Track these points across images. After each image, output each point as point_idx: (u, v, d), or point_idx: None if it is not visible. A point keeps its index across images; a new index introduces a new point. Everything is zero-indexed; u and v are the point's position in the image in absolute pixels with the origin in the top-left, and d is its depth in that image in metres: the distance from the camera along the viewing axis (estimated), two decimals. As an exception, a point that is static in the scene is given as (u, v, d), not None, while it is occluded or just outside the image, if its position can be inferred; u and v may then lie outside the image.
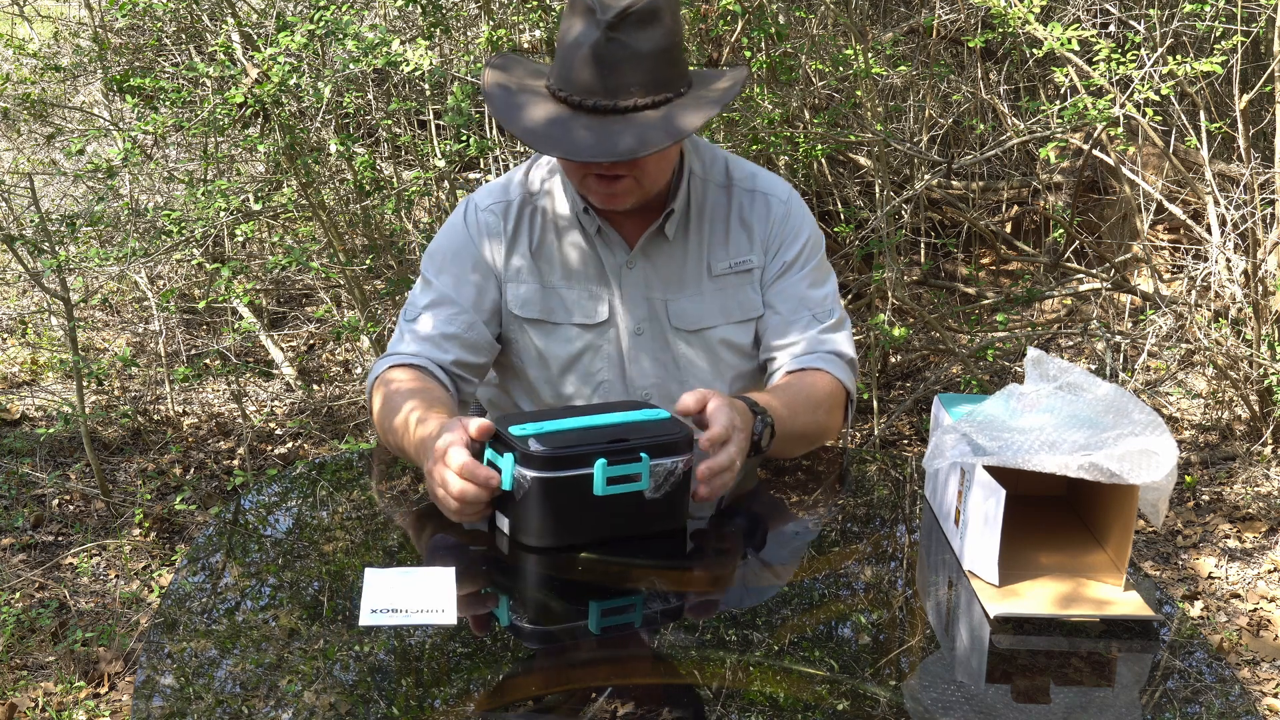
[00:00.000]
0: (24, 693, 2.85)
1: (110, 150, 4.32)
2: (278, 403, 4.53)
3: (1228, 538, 3.49)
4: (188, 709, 1.17)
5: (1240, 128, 3.67)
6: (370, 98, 4.58)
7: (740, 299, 1.89)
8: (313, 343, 5.07)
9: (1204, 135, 3.70)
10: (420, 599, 1.35)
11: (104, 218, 3.99)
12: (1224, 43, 3.54)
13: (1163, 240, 4.65)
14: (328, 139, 4.18)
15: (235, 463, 4.09)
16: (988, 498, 1.37)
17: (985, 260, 5.09)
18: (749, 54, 3.87)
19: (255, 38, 4.07)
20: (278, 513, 1.69)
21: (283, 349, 4.79)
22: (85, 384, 4.14)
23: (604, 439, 1.46)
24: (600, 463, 1.43)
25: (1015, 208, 5.06)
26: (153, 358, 4.83)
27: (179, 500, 3.59)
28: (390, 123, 4.65)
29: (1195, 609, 3.17)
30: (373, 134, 4.86)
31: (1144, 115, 3.65)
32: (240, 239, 4.36)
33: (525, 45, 4.03)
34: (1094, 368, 4.13)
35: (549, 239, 1.88)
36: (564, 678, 1.26)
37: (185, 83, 4.03)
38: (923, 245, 4.85)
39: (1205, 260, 3.85)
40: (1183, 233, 4.46)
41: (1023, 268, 4.91)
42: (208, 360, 4.72)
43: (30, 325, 5.17)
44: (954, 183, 4.87)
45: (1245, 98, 3.65)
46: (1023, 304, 4.55)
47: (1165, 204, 4.02)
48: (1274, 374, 3.64)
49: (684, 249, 1.88)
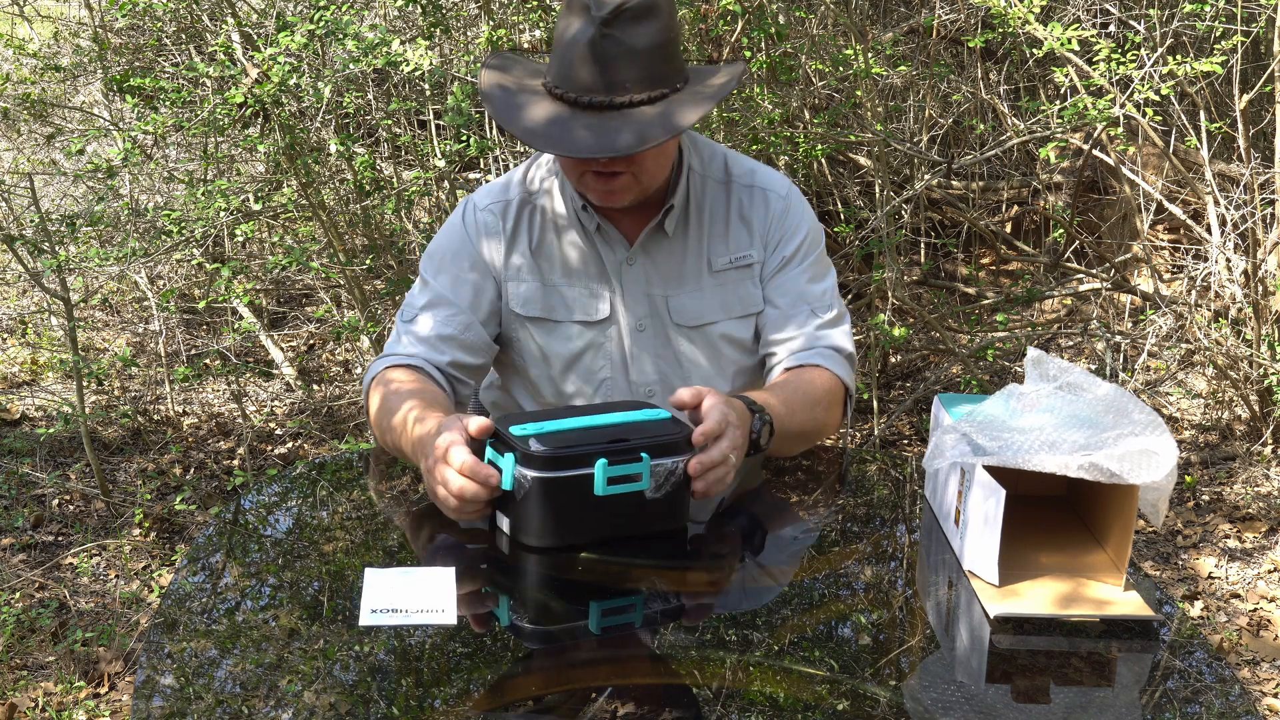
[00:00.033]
0: (24, 693, 2.85)
1: (110, 150, 4.32)
2: (278, 403, 4.53)
3: (1228, 538, 3.49)
4: (188, 709, 1.17)
5: (1240, 128, 3.67)
6: (370, 98, 4.58)
7: (741, 294, 1.89)
8: (313, 343, 5.07)
9: (1204, 135, 3.70)
10: (420, 599, 1.35)
11: (104, 218, 3.99)
12: (1224, 43, 3.54)
13: (1163, 240, 4.65)
14: (328, 139, 4.18)
15: (235, 463, 4.09)
16: (988, 498, 1.37)
17: (985, 260, 5.09)
18: (749, 54, 3.87)
19: (255, 38, 4.07)
20: (278, 513, 1.69)
21: (283, 349, 4.79)
22: (85, 384, 4.14)
23: (604, 439, 1.46)
24: (601, 463, 1.43)
25: (1015, 208, 5.06)
26: (153, 358, 4.83)
27: (179, 500, 3.59)
28: (390, 123, 4.65)
29: (1195, 609, 3.17)
30: (373, 134, 4.85)
31: (1144, 115, 3.65)
32: (240, 239, 4.36)
33: (525, 45, 4.03)
34: (1094, 368, 4.13)
35: (549, 238, 1.88)
36: (564, 678, 1.26)
37: (185, 83, 4.03)
38: (923, 245, 4.85)
39: (1205, 260, 3.85)
40: (1183, 233, 4.46)
41: (1023, 268, 4.91)
42: (208, 360, 4.72)
43: (30, 325, 5.17)
44: (954, 183, 4.87)
45: (1245, 98, 3.65)
46: (1023, 304, 4.55)
47: (1165, 204, 4.01)
48: (1274, 374, 3.64)
49: (684, 245, 1.88)
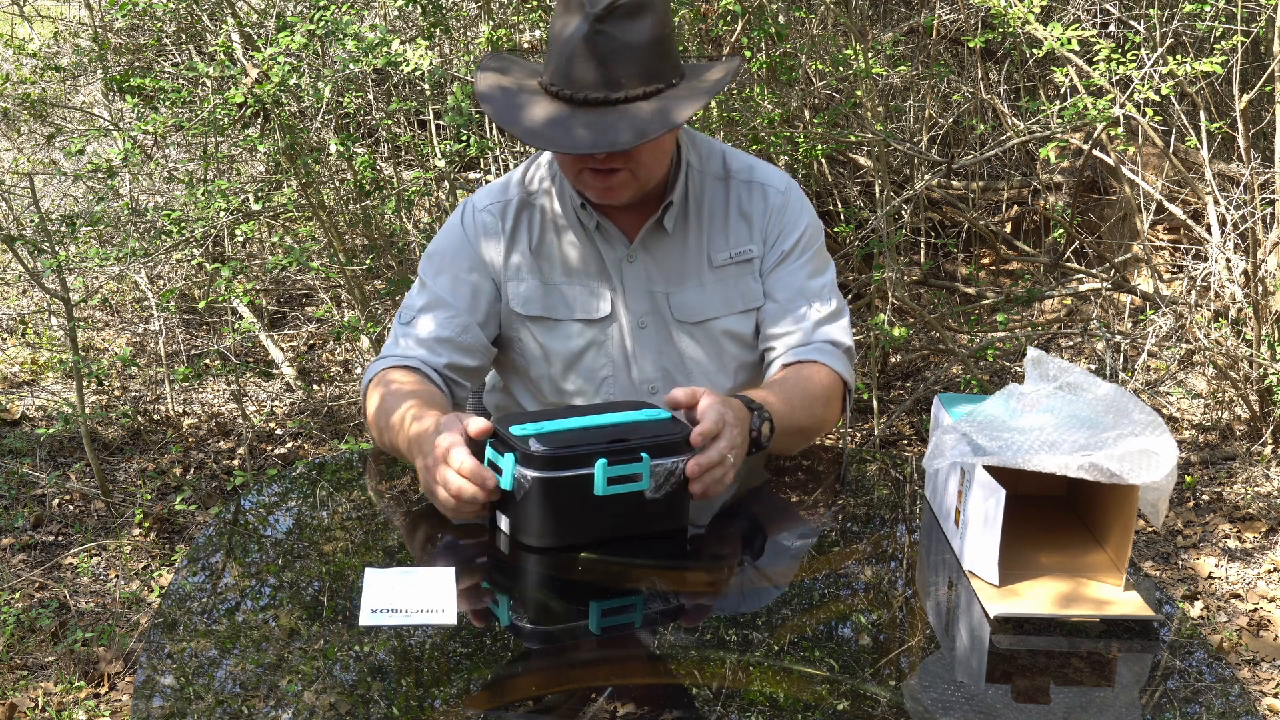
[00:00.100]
0: (24, 693, 2.85)
1: (110, 150, 4.32)
2: (278, 403, 4.53)
3: (1228, 538, 3.49)
4: (188, 709, 1.17)
5: (1240, 128, 3.67)
6: (370, 98, 4.58)
7: (742, 289, 1.89)
8: (313, 343, 5.07)
9: (1204, 135, 3.70)
10: (420, 599, 1.35)
11: (104, 218, 3.99)
12: (1224, 43, 3.54)
13: (1163, 240, 4.65)
14: (328, 139, 4.18)
15: (235, 463, 4.09)
16: (988, 498, 1.37)
17: (985, 260, 5.09)
18: (749, 54, 3.87)
19: (255, 38, 4.07)
20: (278, 513, 1.69)
21: (283, 349, 4.79)
22: (85, 384, 4.14)
23: (604, 439, 1.46)
24: (601, 463, 1.43)
25: (1015, 208, 5.06)
26: (153, 358, 4.83)
27: (179, 500, 3.59)
28: (390, 123, 4.65)
29: (1195, 609, 3.17)
30: (373, 134, 4.85)
31: (1144, 115, 3.65)
32: (240, 239, 4.36)
33: (525, 45, 4.03)
34: (1094, 368, 4.13)
35: (549, 237, 1.88)
36: (564, 678, 1.26)
37: (185, 83, 4.03)
38: (923, 245, 4.85)
39: (1205, 260, 3.84)
40: (1183, 233, 4.45)
41: (1023, 268, 4.91)
42: (208, 360, 4.72)
43: (30, 325, 5.17)
44: (954, 183, 4.87)
45: (1245, 98, 3.65)
46: (1023, 304, 4.55)
47: (1165, 204, 4.01)
48: (1274, 374, 3.64)
49: (684, 241, 1.88)
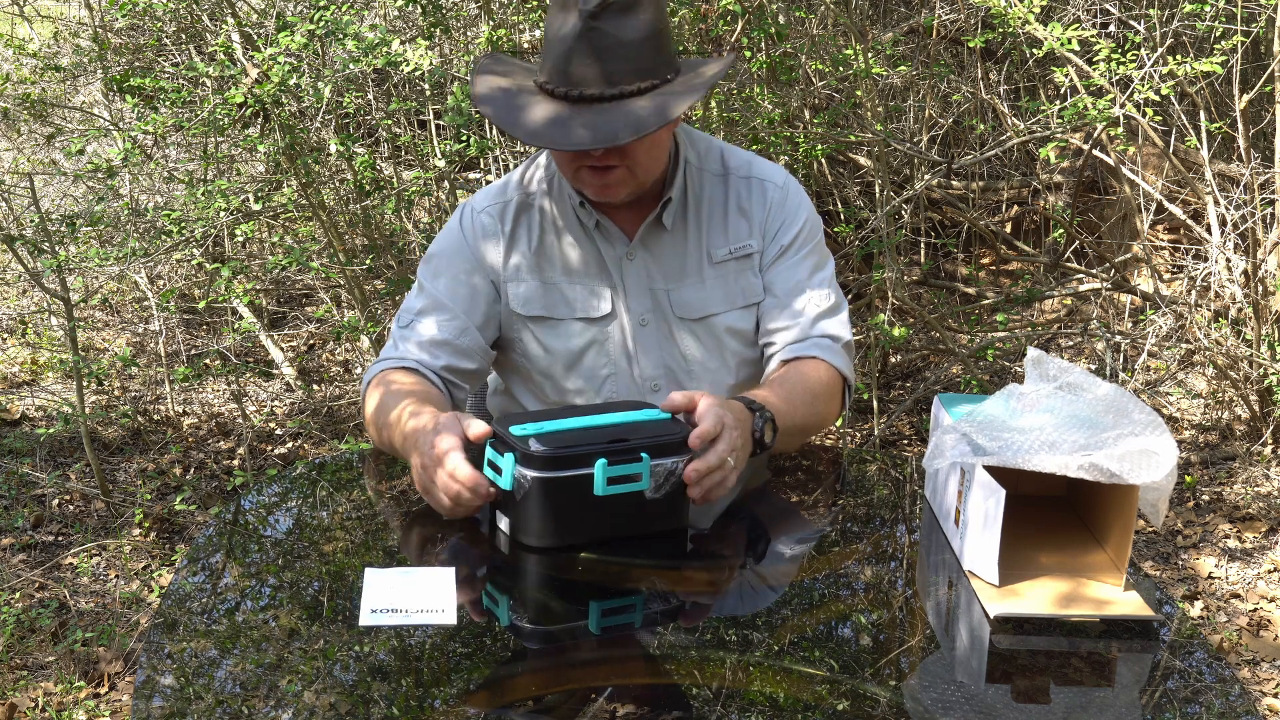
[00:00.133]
0: (24, 693, 2.85)
1: (110, 150, 4.32)
2: (278, 403, 4.53)
3: (1228, 538, 3.49)
4: (188, 709, 1.17)
5: (1240, 128, 3.67)
6: (370, 98, 4.58)
7: (742, 284, 1.89)
8: (313, 343, 5.07)
9: (1204, 135, 3.70)
10: (420, 599, 1.35)
11: (104, 218, 3.99)
12: (1224, 43, 3.54)
13: (1163, 240, 4.65)
14: (328, 139, 4.18)
15: (235, 463, 4.09)
16: (988, 498, 1.37)
17: (985, 260, 5.09)
18: (749, 54, 3.87)
19: (255, 38, 4.07)
20: (278, 513, 1.69)
21: (283, 349, 4.79)
22: (85, 384, 4.14)
23: (604, 439, 1.46)
24: (600, 463, 1.43)
25: (1015, 208, 5.06)
26: (153, 358, 4.83)
27: (179, 500, 3.59)
28: (390, 123, 4.65)
29: (1195, 609, 3.17)
30: (373, 134, 4.85)
31: (1144, 115, 3.65)
32: (240, 239, 4.36)
33: (525, 45, 4.03)
34: (1094, 368, 4.13)
35: (548, 237, 1.88)
36: (564, 678, 1.26)
37: (185, 83, 4.03)
38: (923, 245, 4.85)
39: (1205, 260, 3.84)
40: (1183, 233, 4.45)
41: (1023, 268, 4.91)
42: (208, 360, 4.71)
43: (30, 325, 5.17)
44: (954, 183, 4.87)
45: (1245, 98, 3.65)
46: (1023, 304, 4.55)
47: (1165, 204, 4.01)
48: (1274, 374, 3.64)
49: (683, 238, 1.88)
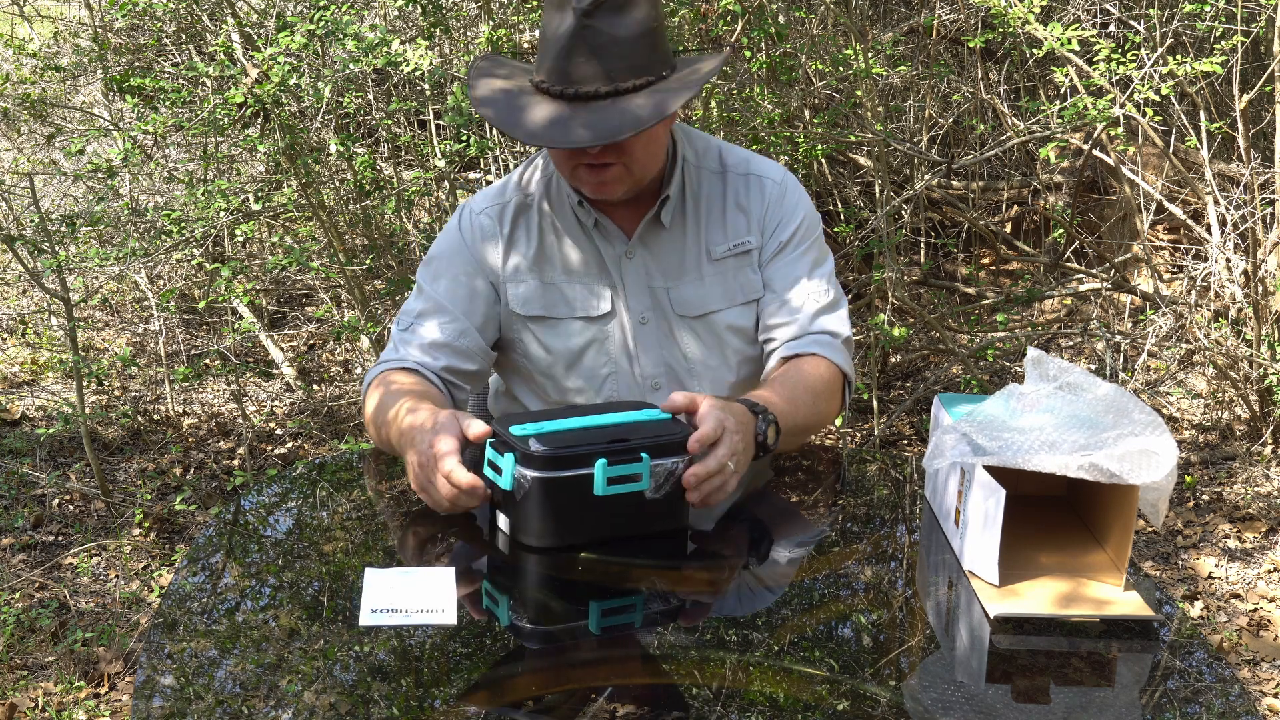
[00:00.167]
0: (24, 693, 2.85)
1: (110, 150, 4.32)
2: (278, 403, 4.53)
3: (1228, 538, 3.49)
4: (188, 709, 1.17)
5: (1240, 128, 3.67)
6: (370, 98, 4.58)
7: (741, 281, 1.89)
8: (313, 343, 5.07)
9: (1204, 135, 3.70)
10: (420, 599, 1.35)
11: (104, 218, 3.99)
12: (1224, 43, 3.54)
13: (1163, 240, 4.65)
14: (328, 139, 4.18)
15: (235, 463, 4.09)
16: (988, 498, 1.37)
17: (985, 260, 5.09)
18: (749, 54, 3.87)
19: (255, 38, 4.07)
20: (278, 513, 1.69)
21: (283, 349, 4.79)
22: (85, 384, 4.14)
23: (604, 439, 1.46)
24: (600, 463, 1.43)
25: (1015, 208, 5.06)
26: (153, 358, 4.83)
27: (179, 500, 3.59)
28: (390, 123, 4.65)
29: (1195, 609, 3.17)
30: (373, 134, 4.85)
31: (1144, 115, 3.65)
32: (240, 239, 4.36)
33: (525, 45, 4.03)
34: (1094, 368, 4.13)
35: (548, 237, 1.88)
36: (564, 678, 1.26)
37: (185, 83, 4.03)
38: (923, 245, 4.85)
39: (1205, 260, 3.84)
40: (1183, 233, 4.45)
41: (1023, 268, 4.91)
42: (208, 360, 4.71)
43: (30, 325, 5.17)
44: (954, 183, 4.87)
45: (1245, 98, 3.65)
46: (1023, 304, 4.55)
47: (1165, 204, 4.01)
48: (1274, 374, 3.64)
49: (682, 235, 1.88)
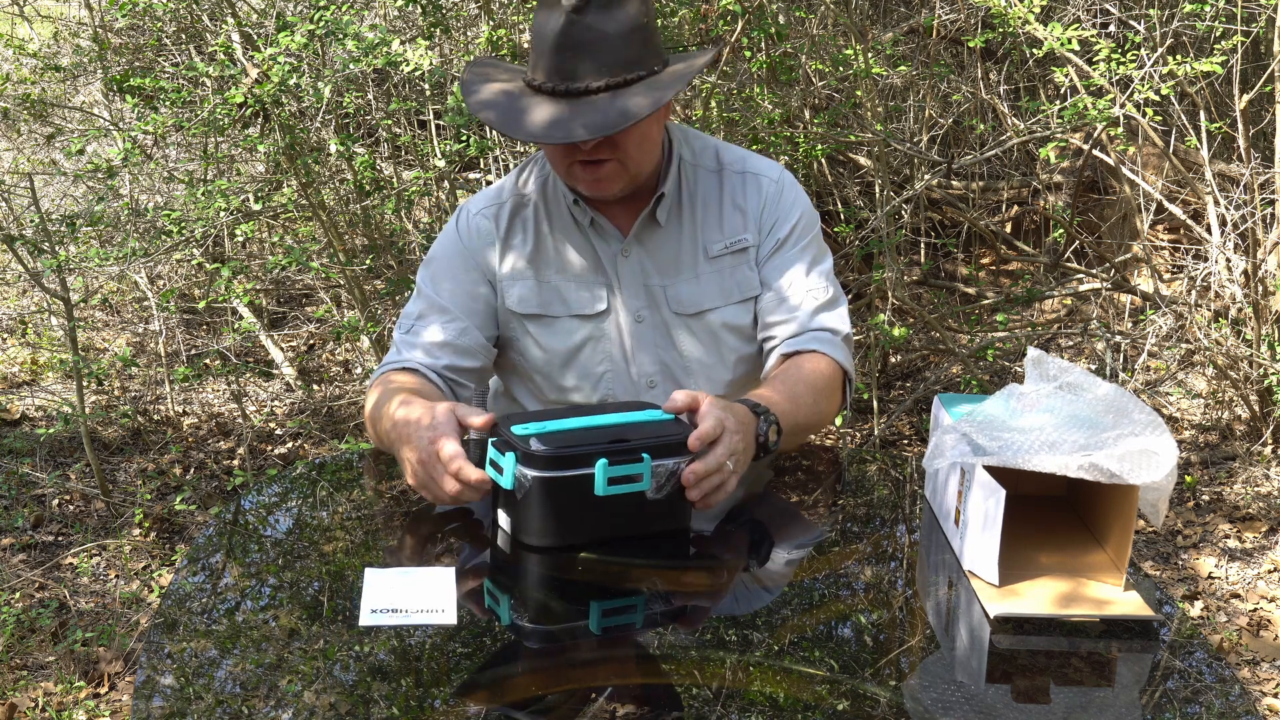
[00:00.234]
0: (24, 693, 2.85)
1: (110, 150, 4.32)
2: (278, 403, 4.53)
3: (1228, 538, 3.49)
4: (188, 709, 1.17)
5: (1240, 128, 3.67)
6: (370, 98, 4.58)
7: (738, 278, 1.89)
8: (313, 343, 5.07)
9: (1204, 135, 3.70)
10: (420, 599, 1.35)
11: (104, 218, 3.99)
12: (1224, 43, 3.54)
13: (1163, 240, 4.65)
14: (328, 139, 4.18)
15: (235, 463, 4.09)
16: (988, 498, 1.37)
17: (985, 260, 5.09)
18: (749, 54, 3.87)
19: (255, 38, 4.07)
20: (278, 513, 1.69)
21: (283, 349, 4.79)
22: (85, 384, 4.14)
23: (605, 439, 1.46)
24: (601, 463, 1.43)
25: (1015, 208, 5.06)
26: (153, 358, 4.83)
27: (179, 500, 3.59)
28: (390, 123, 4.65)
29: (1195, 609, 3.17)
30: (373, 134, 4.85)
31: (1144, 115, 3.65)
32: (240, 239, 4.36)
33: (525, 45, 4.03)
34: (1094, 368, 4.13)
35: (544, 236, 1.89)
36: (564, 678, 1.26)
37: (185, 83, 4.03)
38: (923, 245, 4.85)
39: (1205, 260, 3.84)
40: (1183, 233, 4.46)
41: (1023, 268, 4.91)
42: (208, 360, 4.71)
43: (30, 325, 5.17)
44: (954, 183, 4.87)
45: (1245, 98, 3.65)
46: (1023, 304, 4.55)
47: (1165, 204, 4.01)
48: (1274, 374, 3.64)
49: (678, 233, 1.89)
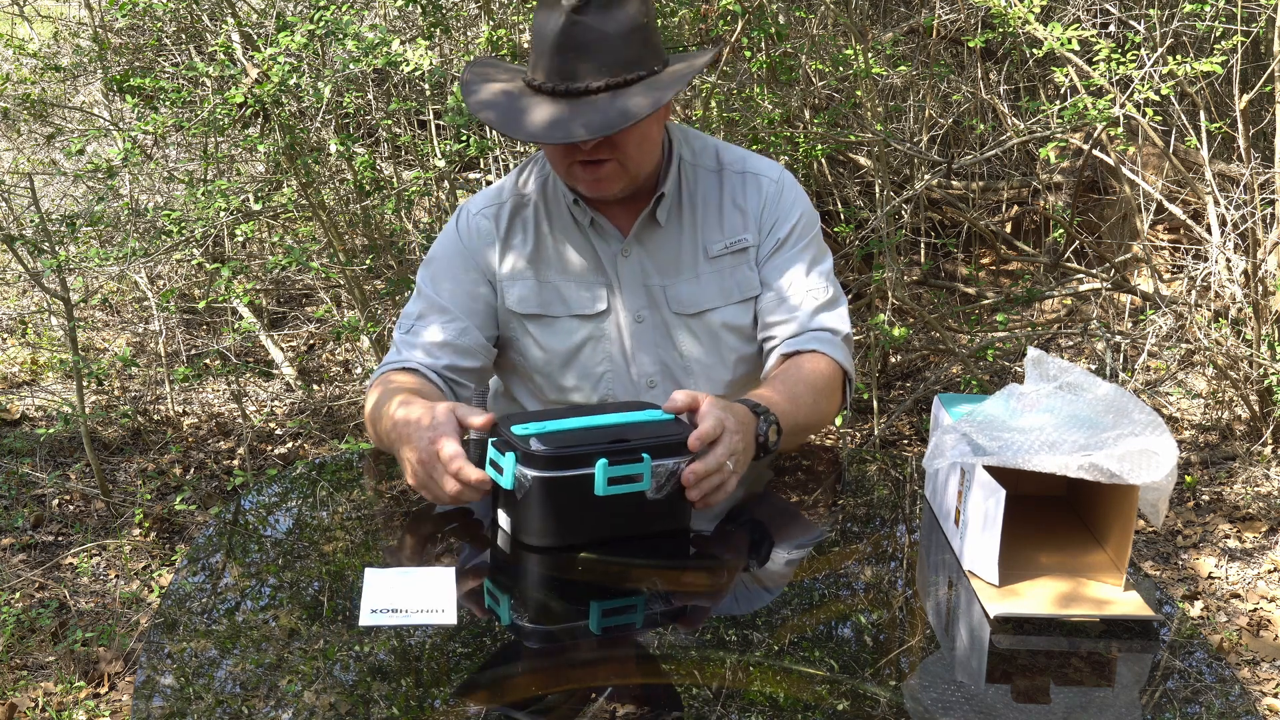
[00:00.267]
0: (24, 693, 2.85)
1: (110, 150, 4.32)
2: (278, 403, 4.53)
3: (1228, 538, 3.49)
4: (188, 709, 1.17)
5: (1240, 128, 3.67)
6: (370, 98, 4.58)
7: (738, 278, 1.89)
8: (313, 343, 5.07)
9: (1204, 135, 3.70)
10: (420, 599, 1.35)
11: (104, 218, 3.99)
12: (1224, 43, 3.54)
13: (1163, 240, 4.65)
14: (328, 139, 4.18)
15: (235, 463, 4.09)
16: (988, 498, 1.37)
17: (985, 260, 5.09)
18: (749, 54, 3.87)
19: (255, 38, 4.07)
20: (278, 513, 1.69)
21: (283, 349, 4.79)
22: (85, 384, 4.14)
23: (605, 439, 1.46)
24: (601, 463, 1.43)
25: (1015, 208, 5.06)
26: (153, 358, 4.83)
27: (179, 500, 3.59)
28: (390, 123, 4.65)
29: (1195, 609, 3.17)
30: (373, 134, 4.85)
31: (1144, 115, 3.65)
32: (240, 239, 4.36)
33: (525, 45, 4.03)
34: (1094, 368, 4.13)
35: (544, 237, 1.89)
36: (564, 678, 1.26)
37: (185, 83, 4.03)
38: (923, 245, 4.85)
39: (1205, 260, 3.84)
40: (1183, 233, 4.46)
41: (1023, 268, 4.91)
42: (208, 360, 4.72)
43: (30, 325, 5.17)
44: (954, 183, 4.87)
45: (1245, 98, 3.65)
46: (1023, 304, 4.55)
47: (1165, 204, 4.01)
48: (1274, 374, 3.64)
49: (678, 233, 1.89)
